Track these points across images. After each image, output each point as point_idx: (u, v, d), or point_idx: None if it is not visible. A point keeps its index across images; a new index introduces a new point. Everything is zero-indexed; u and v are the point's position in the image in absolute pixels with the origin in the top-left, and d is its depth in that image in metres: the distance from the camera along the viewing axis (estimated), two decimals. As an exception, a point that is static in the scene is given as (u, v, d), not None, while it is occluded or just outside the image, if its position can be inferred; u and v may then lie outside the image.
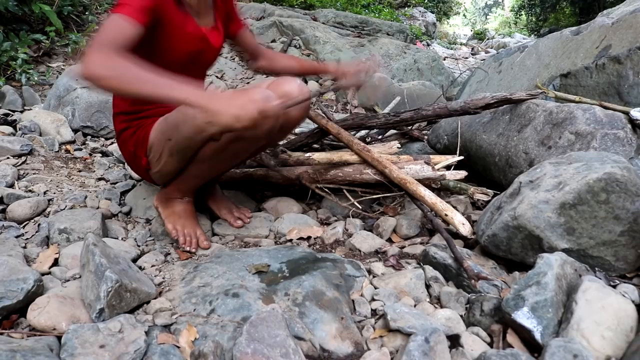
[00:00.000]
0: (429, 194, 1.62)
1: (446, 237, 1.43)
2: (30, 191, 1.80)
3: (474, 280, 1.24)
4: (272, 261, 1.33)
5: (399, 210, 1.85)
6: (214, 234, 1.69)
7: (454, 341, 1.05)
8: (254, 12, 6.13)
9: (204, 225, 1.67)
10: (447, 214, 1.54)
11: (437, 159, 1.89)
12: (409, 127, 2.51)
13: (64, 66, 3.61)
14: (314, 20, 6.09)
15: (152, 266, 1.40)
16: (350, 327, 1.10)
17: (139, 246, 1.56)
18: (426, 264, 1.39)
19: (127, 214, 1.79)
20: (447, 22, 20.35)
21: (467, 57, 9.45)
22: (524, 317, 1.01)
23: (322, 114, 1.90)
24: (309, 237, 1.66)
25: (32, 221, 1.61)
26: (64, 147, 2.43)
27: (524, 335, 1.02)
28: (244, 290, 1.18)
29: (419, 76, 4.91)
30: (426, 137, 2.43)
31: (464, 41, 15.14)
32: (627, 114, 1.66)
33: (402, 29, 6.87)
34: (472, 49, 11.91)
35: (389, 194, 1.85)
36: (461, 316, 1.15)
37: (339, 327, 1.09)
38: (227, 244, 1.63)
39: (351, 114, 3.59)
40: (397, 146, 1.99)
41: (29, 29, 3.61)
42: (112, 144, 2.62)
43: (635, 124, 1.62)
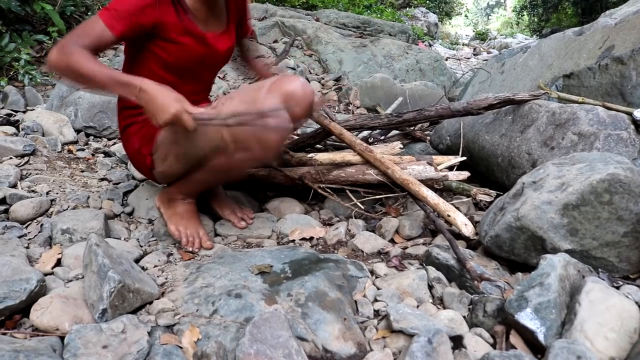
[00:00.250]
0: (431, 194, 1.62)
1: (449, 238, 1.43)
2: (33, 191, 1.80)
3: (476, 281, 1.24)
4: (274, 262, 1.33)
5: (401, 211, 1.85)
6: (217, 235, 1.69)
7: (456, 342, 1.05)
8: (257, 13, 6.13)
9: (206, 225, 1.67)
10: (449, 215, 1.54)
11: (439, 160, 1.89)
12: (412, 128, 2.50)
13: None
14: (316, 20, 6.09)
15: (154, 266, 1.40)
16: (353, 327, 1.10)
17: (141, 246, 1.56)
18: (429, 264, 1.39)
19: (130, 214, 1.79)
20: (449, 23, 20.36)
21: (469, 58, 9.45)
22: (527, 318, 1.01)
23: (324, 114, 1.90)
24: (311, 238, 1.65)
25: (35, 221, 1.62)
26: (66, 147, 2.43)
27: (527, 336, 1.02)
28: (247, 290, 1.18)
29: (421, 77, 4.91)
30: (429, 137, 2.43)
31: (466, 42, 15.14)
32: (630, 114, 1.65)
33: (404, 30, 6.87)
34: (474, 50, 11.91)
35: (392, 195, 1.85)
36: (464, 317, 1.15)
37: (342, 327, 1.08)
38: (230, 244, 1.63)
39: (353, 114, 3.59)
40: (400, 147, 1.99)
41: (31, 30, 3.61)
42: (114, 144, 2.62)
43: (638, 125, 1.61)
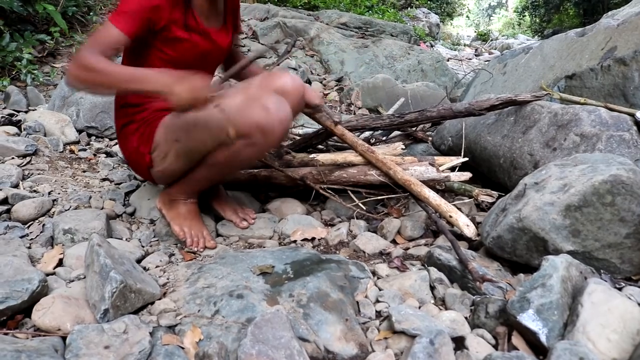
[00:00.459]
0: (433, 195, 1.62)
1: (451, 239, 1.42)
2: (34, 191, 1.80)
3: (478, 282, 1.24)
4: (276, 262, 1.33)
5: (403, 211, 1.85)
6: (218, 235, 1.69)
7: (458, 343, 1.05)
8: (258, 13, 6.13)
9: (208, 226, 1.67)
10: (451, 216, 1.54)
11: (441, 161, 1.89)
12: (414, 129, 2.50)
13: (68, 66, 3.62)
14: (319, 21, 6.09)
15: (156, 267, 1.40)
16: (354, 328, 1.09)
17: (143, 247, 1.56)
18: (431, 265, 1.39)
19: (132, 214, 1.79)
20: (451, 23, 20.36)
21: (470, 59, 9.45)
22: (529, 319, 1.01)
23: (327, 115, 1.90)
24: (313, 238, 1.65)
25: (37, 221, 1.62)
26: (68, 147, 2.43)
27: (529, 337, 1.02)
28: (249, 291, 1.18)
29: (422, 77, 4.91)
30: (430, 138, 2.43)
31: (468, 42, 15.14)
32: (632, 115, 1.65)
33: (405, 30, 6.88)
34: (476, 50, 11.91)
35: (394, 196, 1.85)
36: (466, 318, 1.15)
37: (344, 328, 1.08)
38: (232, 244, 1.63)
39: (355, 115, 3.59)
40: (402, 147, 1.99)
41: (33, 30, 3.62)
42: (116, 144, 2.62)
43: (641, 126, 1.61)
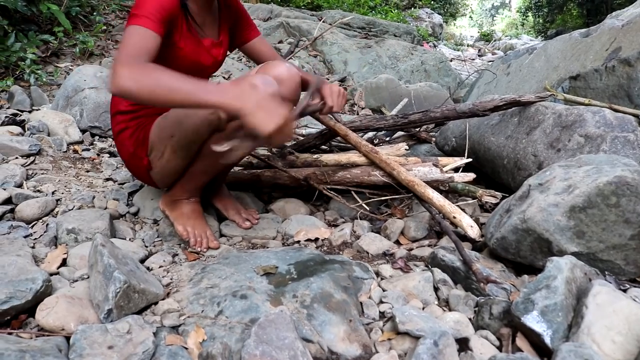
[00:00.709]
0: (437, 196, 1.62)
1: (454, 240, 1.42)
2: (38, 191, 1.81)
3: (482, 283, 1.23)
4: (280, 263, 1.33)
5: (406, 212, 1.84)
6: (222, 235, 1.69)
7: (462, 344, 1.04)
8: (261, 13, 6.14)
9: (211, 226, 1.67)
10: (455, 217, 1.53)
11: (445, 161, 1.89)
12: (417, 129, 2.50)
13: (72, 66, 3.62)
14: (323, 21, 6.09)
15: (159, 267, 1.40)
16: (358, 329, 1.09)
17: (146, 247, 1.56)
18: (434, 266, 1.39)
19: (135, 214, 1.79)
20: (454, 24, 20.34)
21: (473, 59, 9.44)
22: (533, 320, 1.01)
23: (330, 115, 1.90)
24: (316, 239, 1.65)
25: (41, 221, 1.62)
26: (72, 147, 2.44)
27: (534, 339, 1.01)
28: (252, 291, 1.17)
29: (426, 77, 4.91)
30: (434, 139, 2.43)
31: (471, 43, 15.11)
32: (637, 116, 1.65)
33: (409, 30, 6.87)
34: (479, 51, 11.90)
35: (397, 196, 1.84)
36: (470, 319, 1.15)
37: (347, 329, 1.08)
38: (235, 245, 1.63)
39: (359, 115, 3.59)
40: (405, 148, 1.99)
41: (37, 30, 3.63)
42: (119, 144, 2.63)
43: (645, 127, 1.61)
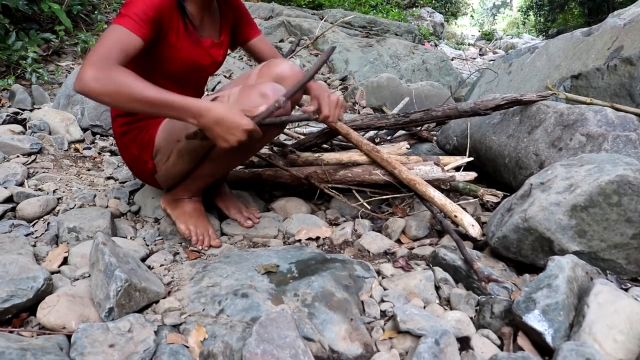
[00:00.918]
0: (438, 195, 1.62)
1: (456, 239, 1.42)
2: (39, 190, 1.81)
3: (484, 282, 1.23)
4: (281, 261, 1.33)
5: (408, 211, 1.84)
6: (223, 234, 1.69)
7: (464, 343, 1.05)
8: (263, 12, 6.14)
9: (213, 224, 1.67)
10: (456, 215, 1.53)
11: (446, 160, 1.89)
12: (418, 128, 2.50)
13: (73, 65, 3.63)
14: (322, 19, 6.09)
15: (161, 265, 1.40)
16: (359, 328, 1.09)
17: (147, 245, 1.56)
18: (436, 265, 1.39)
19: (136, 213, 1.80)
20: (455, 23, 20.33)
21: (474, 58, 9.43)
22: (535, 319, 1.01)
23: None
24: (317, 238, 1.65)
25: (42, 220, 1.62)
26: (73, 146, 2.44)
27: (535, 338, 1.01)
28: (253, 290, 1.17)
29: (427, 76, 4.90)
30: (435, 138, 2.42)
31: (472, 42, 15.09)
32: (639, 115, 1.64)
33: (410, 29, 6.87)
34: (480, 50, 11.88)
35: (398, 195, 1.84)
36: (471, 318, 1.14)
37: (349, 328, 1.08)
38: (236, 243, 1.63)
39: (360, 114, 3.59)
40: (407, 147, 1.99)
41: (38, 28, 3.63)
42: (120, 143, 2.63)
43: (647, 126, 1.60)
